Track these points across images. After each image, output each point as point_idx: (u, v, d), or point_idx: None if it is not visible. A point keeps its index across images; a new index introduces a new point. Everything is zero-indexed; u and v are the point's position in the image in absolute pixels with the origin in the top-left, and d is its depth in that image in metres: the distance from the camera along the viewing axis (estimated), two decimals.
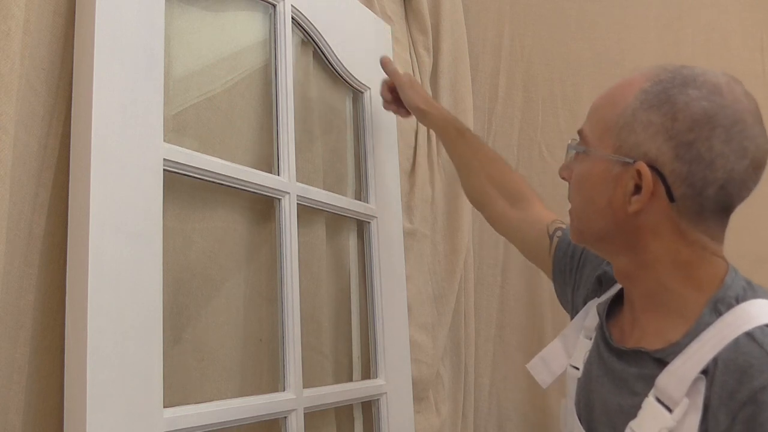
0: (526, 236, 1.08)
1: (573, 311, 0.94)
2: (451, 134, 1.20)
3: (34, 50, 0.76)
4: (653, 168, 0.71)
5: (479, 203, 1.18)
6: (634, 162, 0.72)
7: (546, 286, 1.73)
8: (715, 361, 0.66)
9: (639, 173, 0.71)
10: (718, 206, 0.72)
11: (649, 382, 0.71)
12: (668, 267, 0.73)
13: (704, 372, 0.66)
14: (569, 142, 0.82)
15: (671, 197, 0.71)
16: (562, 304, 1.01)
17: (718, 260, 0.74)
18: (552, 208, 1.08)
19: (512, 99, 1.80)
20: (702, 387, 0.66)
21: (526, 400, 1.72)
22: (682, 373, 0.68)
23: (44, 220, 0.79)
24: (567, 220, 0.86)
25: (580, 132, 0.81)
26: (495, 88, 1.80)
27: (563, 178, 0.84)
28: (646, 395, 0.71)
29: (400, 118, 1.43)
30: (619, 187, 0.73)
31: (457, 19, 1.68)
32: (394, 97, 1.26)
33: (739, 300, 0.70)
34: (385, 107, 1.29)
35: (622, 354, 0.77)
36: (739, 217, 0.76)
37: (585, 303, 0.89)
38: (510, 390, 1.72)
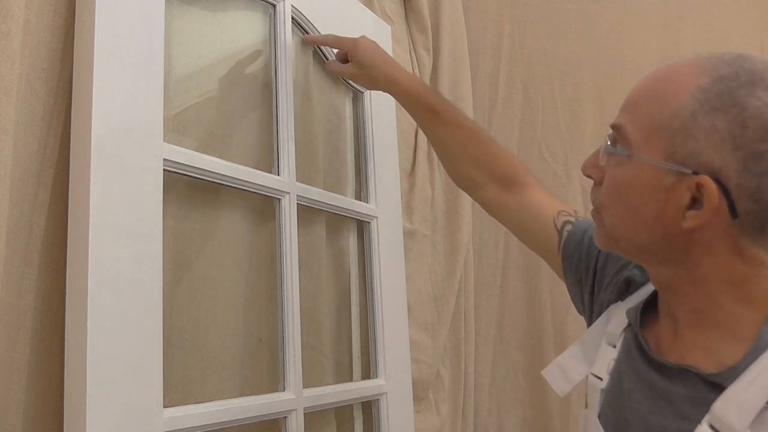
0: (528, 226, 0.96)
1: (591, 315, 0.85)
2: (420, 113, 1.03)
3: (34, 50, 0.76)
4: (716, 181, 0.62)
5: (466, 188, 1.05)
6: (694, 173, 0.63)
7: (546, 286, 1.73)
8: None
9: (699, 186, 0.63)
10: None
11: (700, 406, 0.64)
12: (721, 284, 0.66)
13: None
14: (607, 135, 0.71)
15: (734, 213, 0.63)
16: (576, 305, 0.91)
17: None
18: None
19: (512, 99, 1.80)
20: None
21: (526, 400, 1.72)
22: (743, 401, 0.61)
23: (44, 220, 0.79)
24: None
25: (616, 128, 0.70)
26: (495, 88, 1.80)
27: (588, 176, 0.74)
28: (696, 420, 0.64)
29: (399, 116, 1.42)
30: (672, 200, 0.65)
31: (457, 19, 1.68)
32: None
33: None
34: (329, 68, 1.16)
35: (664, 369, 0.69)
36: None
37: (608, 306, 0.81)
38: (510, 390, 1.72)
